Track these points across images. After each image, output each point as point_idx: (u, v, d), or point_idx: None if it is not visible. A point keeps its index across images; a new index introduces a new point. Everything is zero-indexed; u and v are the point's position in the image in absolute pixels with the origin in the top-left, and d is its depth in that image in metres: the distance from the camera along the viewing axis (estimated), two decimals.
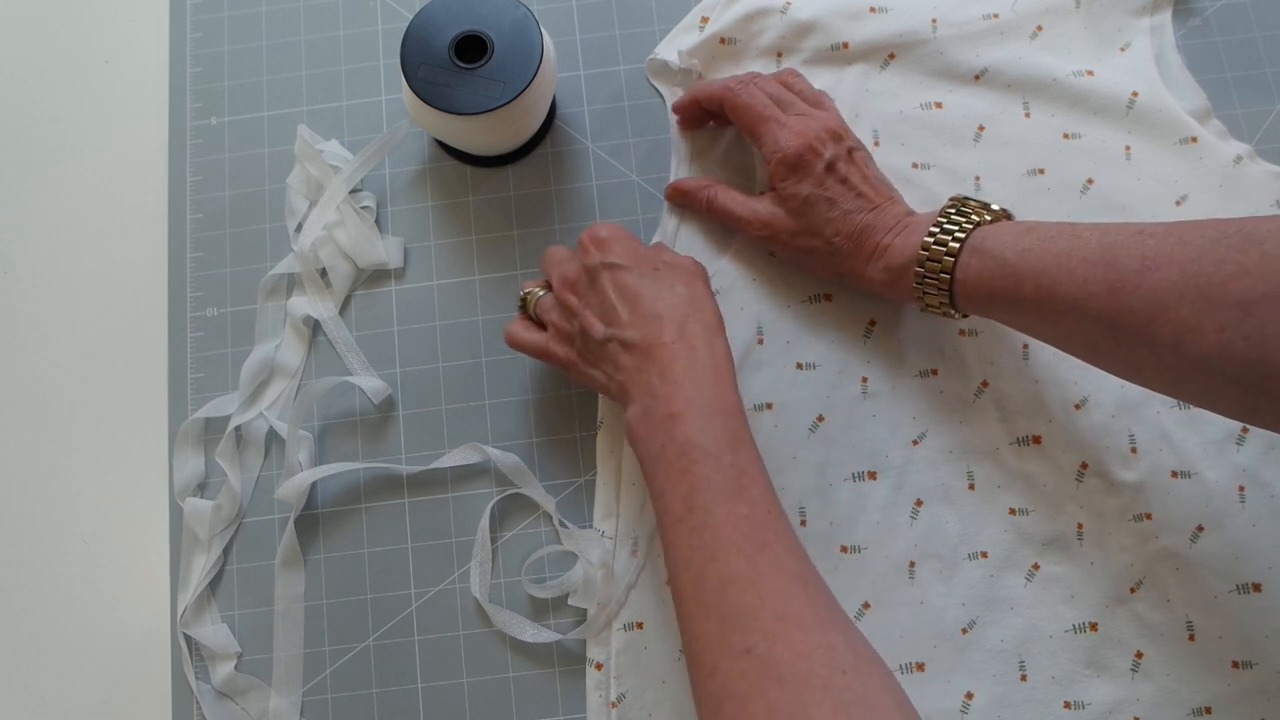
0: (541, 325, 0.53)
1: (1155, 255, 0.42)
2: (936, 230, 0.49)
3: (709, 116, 0.60)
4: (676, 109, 0.60)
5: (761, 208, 0.55)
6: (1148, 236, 0.43)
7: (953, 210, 0.50)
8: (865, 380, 0.56)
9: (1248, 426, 0.53)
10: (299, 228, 0.60)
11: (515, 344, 0.54)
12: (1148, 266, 0.42)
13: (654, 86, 0.62)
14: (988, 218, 0.49)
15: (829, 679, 0.38)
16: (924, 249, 0.49)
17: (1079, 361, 0.55)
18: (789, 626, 0.39)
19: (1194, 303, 0.40)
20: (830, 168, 0.52)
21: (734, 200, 0.56)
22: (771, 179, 0.54)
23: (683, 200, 0.59)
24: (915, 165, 0.59)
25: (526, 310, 0.54)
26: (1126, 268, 0.42)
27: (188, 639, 0.55)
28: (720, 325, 0.49)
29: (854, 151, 0.54)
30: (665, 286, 0.49)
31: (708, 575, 0.41)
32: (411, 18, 0.56)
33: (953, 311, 0.50)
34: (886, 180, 0.55)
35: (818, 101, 0.56)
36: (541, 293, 0.54)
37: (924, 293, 0.50)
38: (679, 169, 0.60)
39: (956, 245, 0.48)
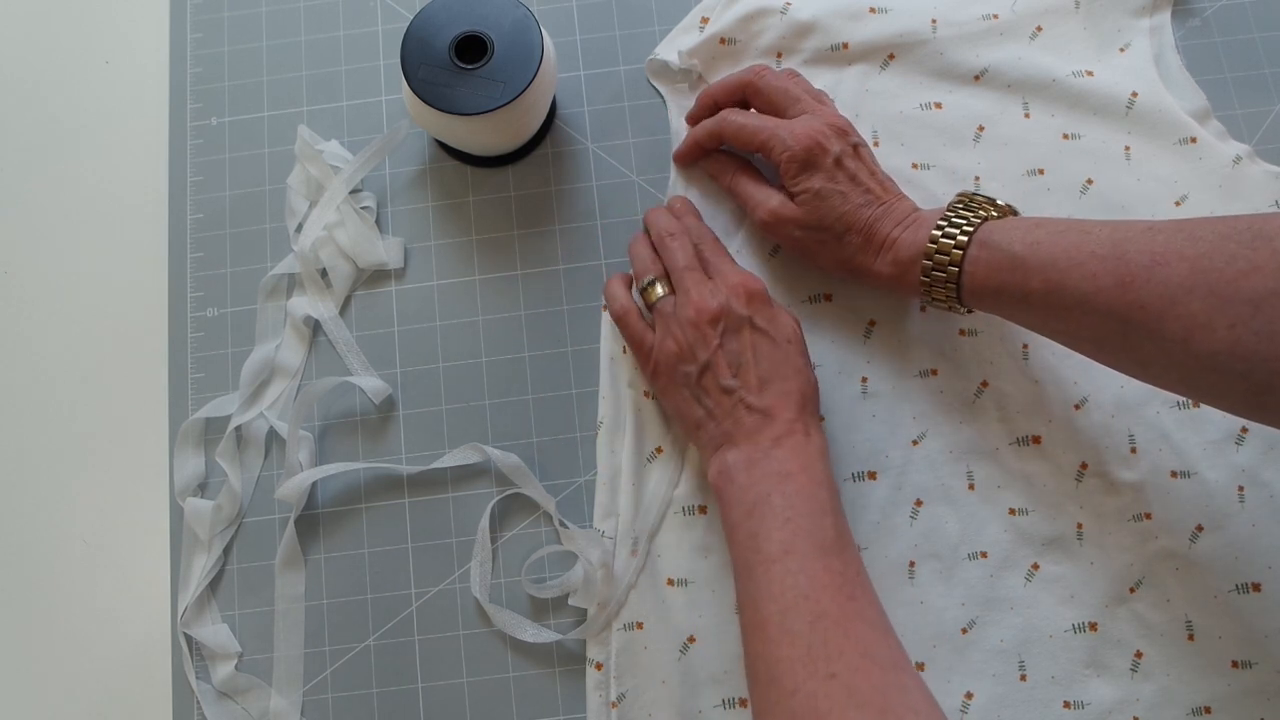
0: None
1: (1165, 251, 0.42)
2: (944, 224, 0.49)
3: (705, 154, 0.60)
4: (677, 158, 0.60)
5: (774, 198, 0.55)
6: (1157, 232, 0.43)
7: (960, 205, 0.50)
8: (865, 380, 0.56)
9: (1247, 426, 0.54)
10: (299, 228, 0.60)
11: (623, 321, 0.54)
12: (1157, 262, 0.42)
13: (654, 87, 0.62)
14: (994, 213, 0.50)
15: (902, 715, 0.40)
16: (932, 242, 0.49)
17: (1079, 361, 0.55)
18: (870, 664, 0.42)
19: (1204, 298, 0.40)
20: (838, 163, 0.53)
21: (751, 185, 0.57)
22: (782, 178, 0.54)
23: (710, 169, 0.59)
24: (915, 166, 0.59)
25: (643, 296, 0.54)
26: (1136, 263, 0.43)
27: (188, 639, 0.55)
28: (818, 402, 0.52)
29: (859, 148, 0.54)
30: (792, 365, 0.51)
31: (799, 610, 0.44)
32: (411, 18, 0.56)
33: (959, 307, 0.51)
34: (890, 177, 0.55)
35: (819, 98, 0.56)
36: (665, 292, 0.53)
37: (931, 287, 0.50)
38: (676, 184, 0.60)
39: (965, 239, 0.49)
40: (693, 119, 0.60)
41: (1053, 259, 0.45)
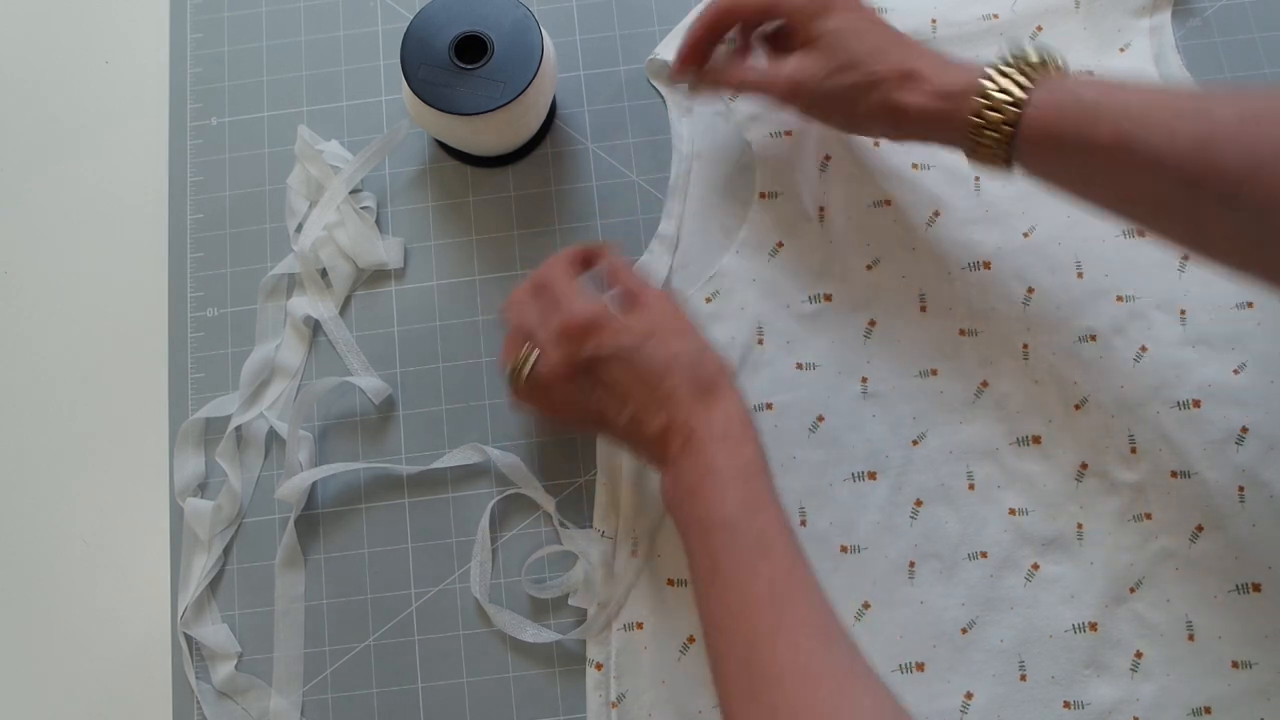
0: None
1: (1257, 110, 0.39)
2: (1000, 65, 0.45)
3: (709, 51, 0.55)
4: (678, 69, 0.56)
5: (786, 66, 0.50)
6: (1247, 95, 0.40)
7: (1014, 55, 0.46)
8: (865, 380, 0.56)
9: (1248, 426, 0.53)
10: (299, 228, 0.60)
11: (521, 401, 0.51)
12: (1247, 120, 0.39)
13: (654, 86, 0.62)
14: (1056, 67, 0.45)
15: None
16: (987, 79, 0.45)
17: (1079, 361, 0.55)
18: (813, 685, 0.39)
19: None
20: (858, 5, 0.49)
21: (760, 67, 0.52)
22: (796, 35, 0.50)
23: (712, 77, 0.55)
24: (915, 166, 0.59)
25: (512, 383, 0.50)
26: (1223, 119, 0.39)
27: (188, 639, 0.55)
28: (722, 368, 0.48)
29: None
30: (660, 356, 0.47)
31: (735, 635, 0.42)
32: (411, 18, 0.56)
33: (1004, 164, 0.46)
34: None
35: None
36: (527, 364, 0.49)
37: (982, 130, 0.45)
38: (679, 166, 0.60)
39: (1026, 81, 0.44)
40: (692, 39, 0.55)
41: (1127, 108, 0.41)
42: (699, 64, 0.55)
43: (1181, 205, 0.41)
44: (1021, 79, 0.45)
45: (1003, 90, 0.45)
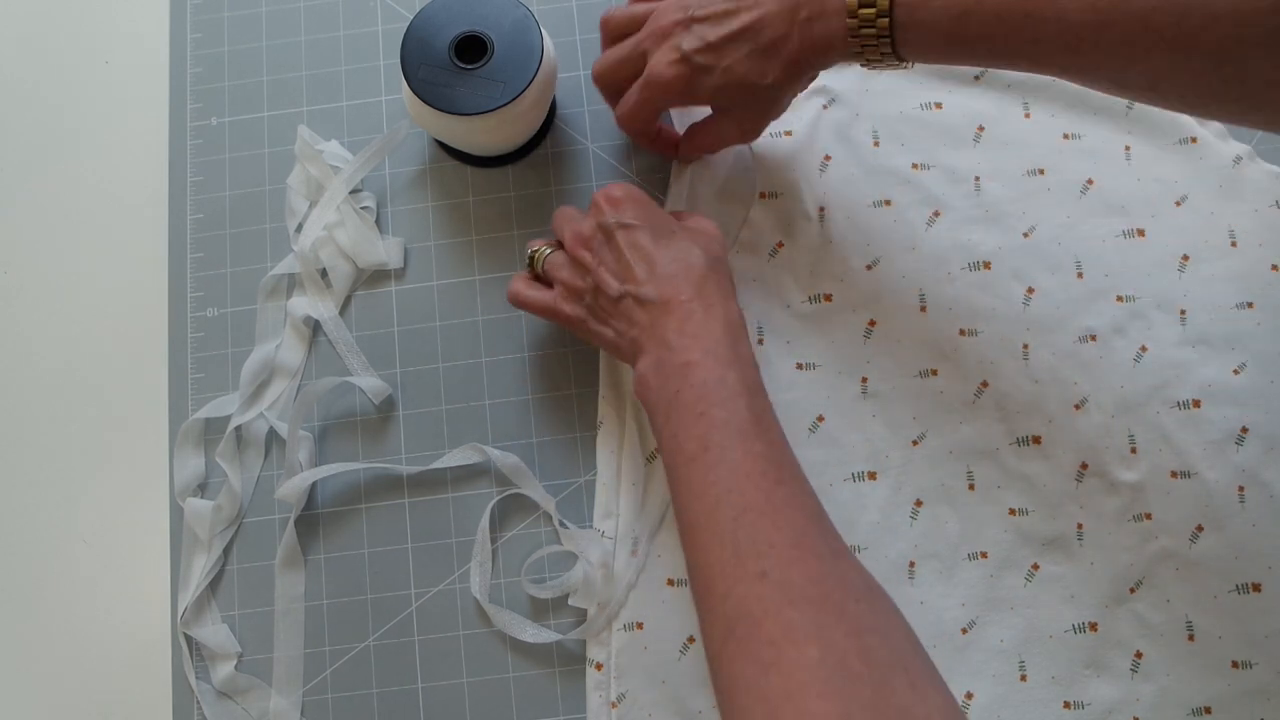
0: (547, 284, 0.54)
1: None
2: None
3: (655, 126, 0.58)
4: (595, 74, 0.57)
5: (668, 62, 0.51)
6: None
7: None
8: (865, 380, 0.56)
9: (1248, 426, 0.53)
10: (299, 228, 0.60)
11: (519, 301, 0.54)
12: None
13: None
14: None
15: (843, 605, 0.38)
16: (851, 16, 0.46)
17: (1079, 361, 0.55)
18: (804, 554, 0.39)
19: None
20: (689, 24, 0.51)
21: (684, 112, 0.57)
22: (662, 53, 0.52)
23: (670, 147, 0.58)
24: (915, 166, 0.59)
25: (534, 268, 0.54)
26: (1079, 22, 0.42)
27: (188, 639, 0.55)
28: (733, 290, 0.49)
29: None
30: (682, 249, 0.49)
31: (723, 507, 0.41)
32: (411, 18, 0.56)
33: (897, 61, 0.48)
34: None
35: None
36: (549, 250, 0.54)
37: (861, 32, 0.46)
38: (677, 185, 0.60)
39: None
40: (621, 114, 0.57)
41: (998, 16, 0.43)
42: (654, 136, 0.57)
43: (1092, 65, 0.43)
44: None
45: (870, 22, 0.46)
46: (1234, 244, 0.57)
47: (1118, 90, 0.45)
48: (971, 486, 0.55)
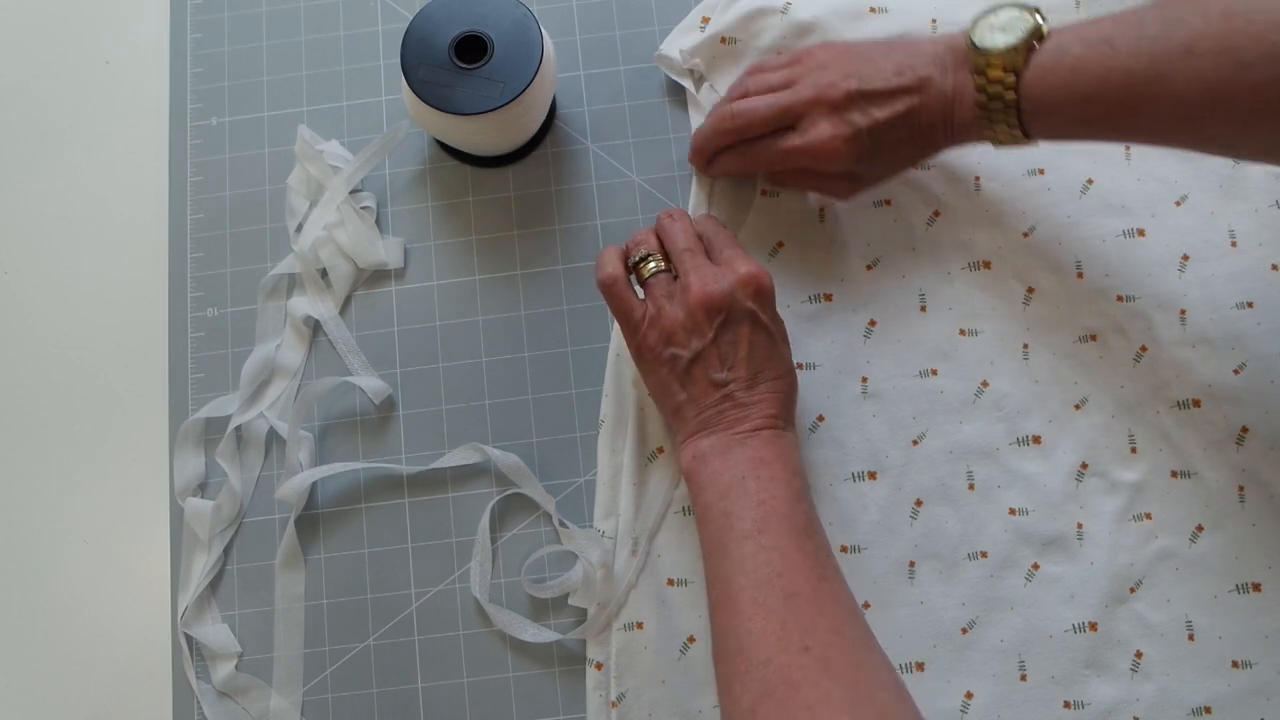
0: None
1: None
2: (976, 54, 0.49)
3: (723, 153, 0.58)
4: (691, 159, 0.59)
5: (818, 128, 0.52)
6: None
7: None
8: (865, 380, 0.56)
9: (1248, 426, 0.53)
10: (299, 228, 0.60)
11: (612, 289, 0.52)
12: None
13: (659, 82, 0.62)
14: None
15: (873, 691, 0.41)
16: (976, 72, 0.49)
17: (1079, 361, 0.55)
18: (843, 640, 0.43)
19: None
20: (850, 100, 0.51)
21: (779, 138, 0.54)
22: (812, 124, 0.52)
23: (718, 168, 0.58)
24: (915, 165, 0.59)
25: (637, 269, 0.52)
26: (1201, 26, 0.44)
27: (188, 639, 0.55)
28: (796, 404, 0.52)
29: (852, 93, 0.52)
30: (785, 364, 0.51)
31: (773, 586, 0.44)
32: (411, 18, 0.56)
33: (1025, 140, 0.50)
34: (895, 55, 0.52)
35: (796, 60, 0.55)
36: (657, 266, 0.52)
37: (991, 115, 0.49)
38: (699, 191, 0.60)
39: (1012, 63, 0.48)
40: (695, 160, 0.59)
41: (1113, 52, 0.46)
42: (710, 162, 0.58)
43: (1209, 126, 0.45)
44: (1007, 71, 0.48)
45: (994, 81, 0.48)
46: (1234, 244, 0.57)
47: (1232, 154, 0.47)
48: (971, 486, 0.55)
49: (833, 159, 0.52)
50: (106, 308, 0.61)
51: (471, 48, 0.56)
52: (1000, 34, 0.48)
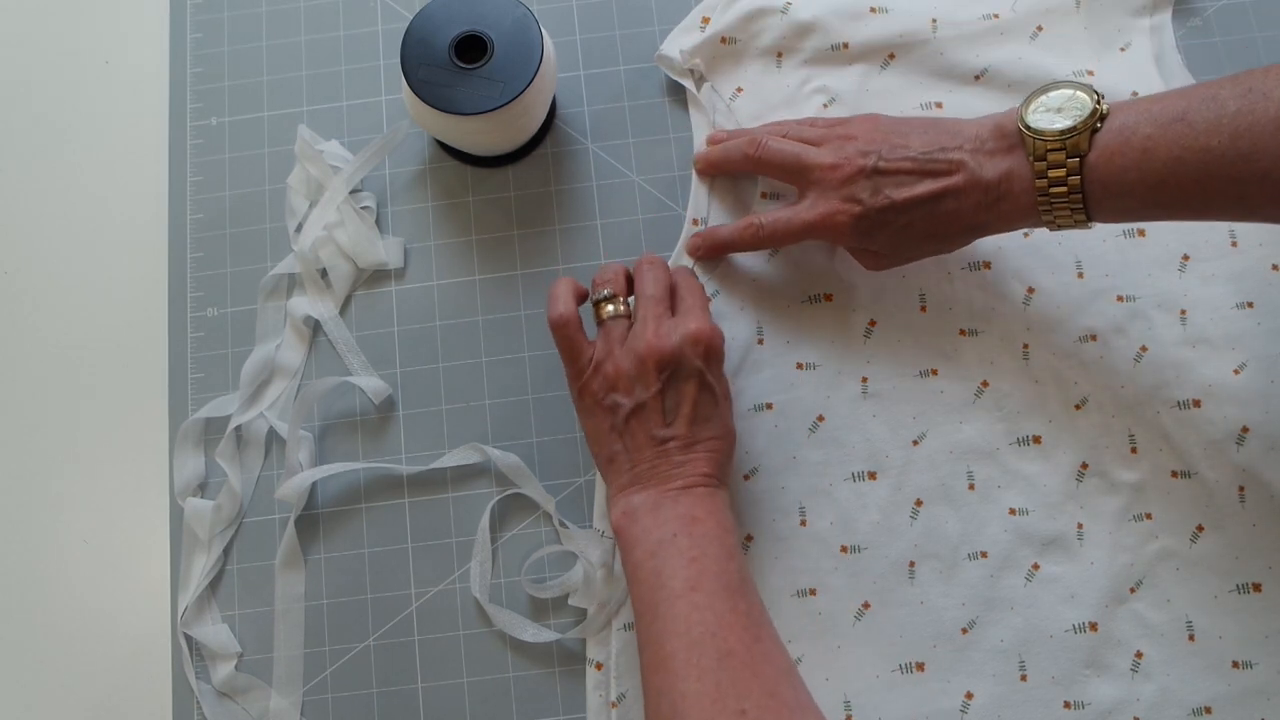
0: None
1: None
2: (1035, 140, 0.47)
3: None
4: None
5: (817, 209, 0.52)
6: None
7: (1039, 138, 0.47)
8: (865, 380, 0.56)
9: (1248, 426, 0.53)
10: (299, 228, 0.60)
11: (559, 329, 0.51)
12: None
13: (659, 82, 0.62)
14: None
15: None
16: (1038, 159, 0.47)
17: (1079, 361, 0.55)
18: (778, 704, 0.42)
19: None
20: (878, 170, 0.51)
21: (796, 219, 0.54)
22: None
23: (724, 249, 0.58)
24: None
25: (596, 308, 0.52)
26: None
27: (188, 639, 0.55)
28: (733, 459, 0.52)
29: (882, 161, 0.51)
30: (724, 422, 0.50)
31: (706, 646, 0.43)
32: (411, 18, 0.56)
33: (1085, 223, 0.48)
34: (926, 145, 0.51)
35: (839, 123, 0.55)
36: (615, 310, 0.51)
37: (1052, 205, 0.47)
38: (698, 196, 0.60)
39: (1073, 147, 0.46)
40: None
41: (1180, 137, 0.44)
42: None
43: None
44: (1066, 153, 0.46)
45: (1055, 166, 0.46)
46: (1234, 244, 0.57)
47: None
48: (971, 486, 0.55)
49: (836, 233, 0.52)
50: (106, 308, 0.61)
51: (471, 48, 0.56)
52: (1057, 116, 0.46)
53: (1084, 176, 0.46)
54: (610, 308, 0.51)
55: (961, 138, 0.49)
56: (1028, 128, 0.47)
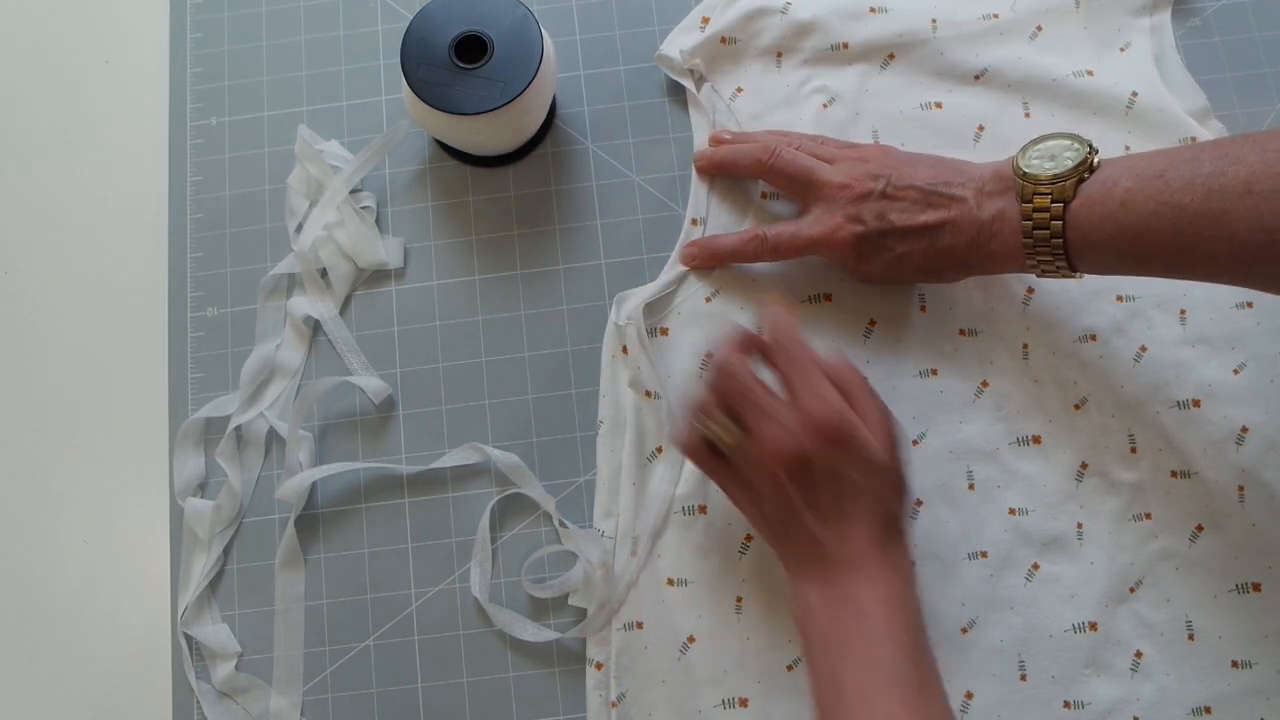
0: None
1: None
2: (1024, 184, 0.48)
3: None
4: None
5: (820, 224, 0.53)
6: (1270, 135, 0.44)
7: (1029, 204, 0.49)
8: (908, 545, 0.56)
9: (1248, 426, 0.53)
10: (299, 228, 0.60)
11: (698, 461, 0.50)
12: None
13: (659, 82, 0.62)
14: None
15: None
16: (1024, 200, 0.48)
17: (1079, 361, 0.55)
18: None
19: None
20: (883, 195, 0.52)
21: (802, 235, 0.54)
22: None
23: (725, 259, 0.58)
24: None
25: (714, 439, 0.48)
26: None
27: (188, 639, 0.55)
28: (909, 542, 0.49)
29: (889, 188, 0.52)
30: (879, 500, 0.47)
31: None
32: (411, 18, 0.56)
33: (1071, 273, 0.49)
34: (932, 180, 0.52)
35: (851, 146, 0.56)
36: (729, 440, 0.48)
37: (1037, 252, 0.49)
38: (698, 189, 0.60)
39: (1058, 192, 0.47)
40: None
41: (1158, 192, 0.45)
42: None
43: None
44: (1053, 198, 0.48)
45: (1040, 210, 0.48)
46: None
47: None
48: (971, 486, 0.55)
49: (837, 250, 0.53)
50: (106, 308, 0.61)
51: (471, 48, 0.56)
52: (1049, 162, 0.48)
53: (1066, 223, 0.47)
54: (715, 430, 0.48)
55: (966, 177, 0.51)
56: (1021, 171, 0.49)
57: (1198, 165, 0.45)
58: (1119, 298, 0.56)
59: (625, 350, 0.57)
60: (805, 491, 0.47)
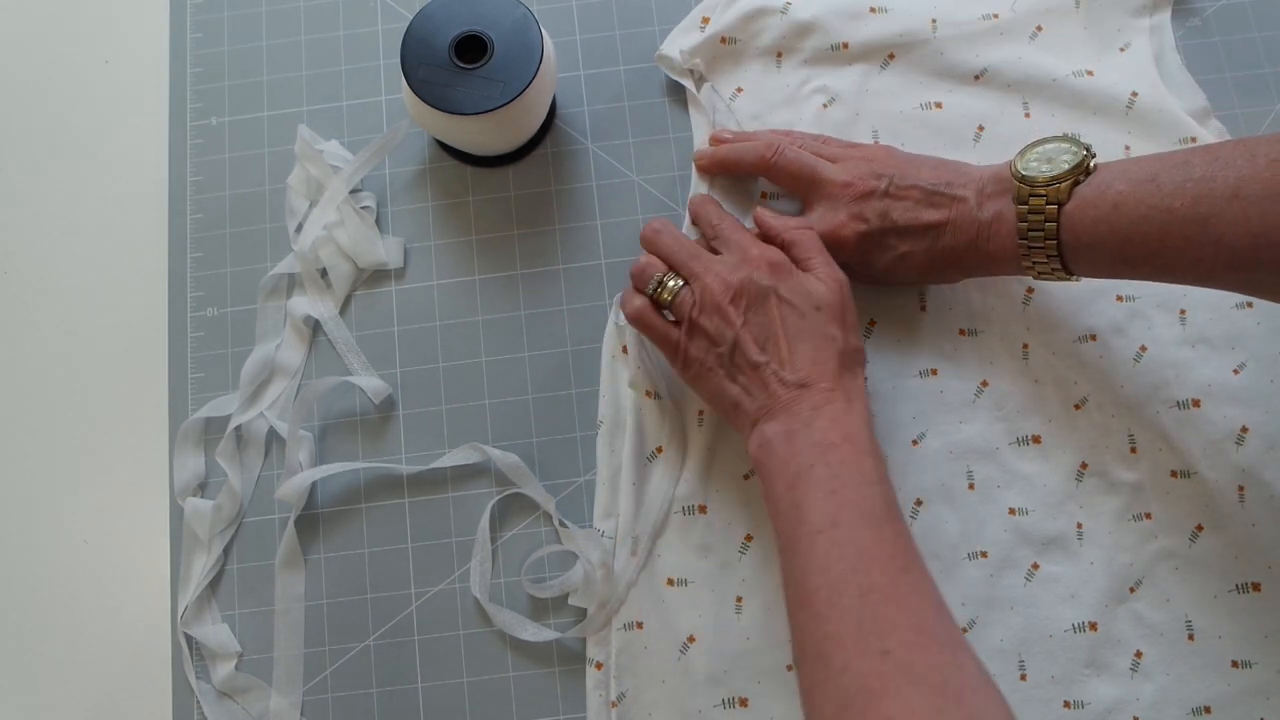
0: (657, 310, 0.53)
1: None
2: (1020, 186, 0.49)
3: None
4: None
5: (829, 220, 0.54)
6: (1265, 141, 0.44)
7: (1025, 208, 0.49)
8: (865, 380, 0.56)
9: (1248, 426, 0.53)
10: (299, 228, 0.60)
11: (641, 323, 0.53)
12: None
13: (659, 82, 0.62)
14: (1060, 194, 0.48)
15: (961, 693, 0.39)
16: (1020, 201, 0.49)
17: (1079, 361, 0.55)
18: (927, 640, 0.41)
19: None
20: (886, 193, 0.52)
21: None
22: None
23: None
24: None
25: (654, 296, 0.52)
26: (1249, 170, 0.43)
27: (188, 639, 0.55)
28: (864, 382, 0.50)
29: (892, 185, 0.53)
30: (824, 334, 0.49)
31: (848, 583, 0.42)
32: (411, 18, 0.56)
33: (1067, 275, 0.49)
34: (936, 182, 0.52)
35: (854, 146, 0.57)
36: (675, 283, 0.52)
37: (1030, 255, 0.49)
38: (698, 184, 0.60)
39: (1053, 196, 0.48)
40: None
41: (1148, 201, 0.45)
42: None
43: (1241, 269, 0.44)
44: (1048, 200, 0.48)
45: (1035, 211, 0.48)
46: None
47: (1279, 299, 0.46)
48: (971, 486, 0.55)
49: (839, 247, 0.53)
50: (106, 308, 0.61)
51: (471, 48, 0.56)
52: (1046, 164, 0.49)
53: (1060, 224, 0.48)
54: (671, 284, 0.52)
55: (967, 178, 0.52)
56: (1018, 173, 0.49)
57: (1189, 169, 0.45)
58: (1119, 298, 0.56)
59: (625, 350, 0.57)
60: (752, 319, 0.49)
